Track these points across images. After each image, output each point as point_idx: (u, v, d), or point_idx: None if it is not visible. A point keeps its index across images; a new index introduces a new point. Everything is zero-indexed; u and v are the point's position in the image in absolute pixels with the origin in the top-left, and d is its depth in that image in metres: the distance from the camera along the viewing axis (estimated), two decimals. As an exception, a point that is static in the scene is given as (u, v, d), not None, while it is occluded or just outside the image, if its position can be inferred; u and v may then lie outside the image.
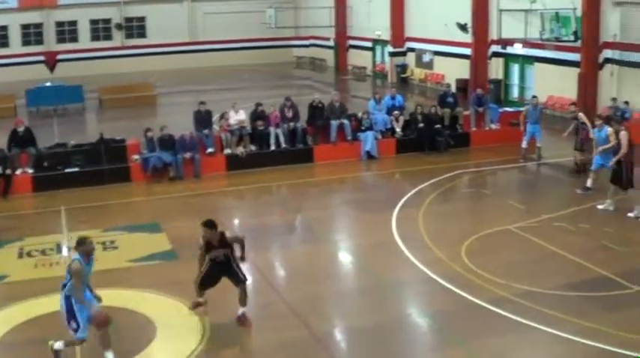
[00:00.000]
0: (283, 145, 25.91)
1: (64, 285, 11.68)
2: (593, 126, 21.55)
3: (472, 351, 12.71)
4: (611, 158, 19.91)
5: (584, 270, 15.91)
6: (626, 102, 31.06)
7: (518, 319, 13.52)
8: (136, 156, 24.16)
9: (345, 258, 17.79)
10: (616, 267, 15.57)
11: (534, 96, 27.29)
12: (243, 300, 13.50)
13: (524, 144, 25.91)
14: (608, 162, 20.15)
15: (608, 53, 32.84)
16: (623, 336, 12.94)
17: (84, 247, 11.69)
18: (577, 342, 12.71)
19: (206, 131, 25.16)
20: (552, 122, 31.96)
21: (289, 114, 26.29)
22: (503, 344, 12.82)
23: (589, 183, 21.21)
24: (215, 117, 26.84)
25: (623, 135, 19.54)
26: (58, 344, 11.91)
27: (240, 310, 13.52)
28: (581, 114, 23.69)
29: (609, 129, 20.21)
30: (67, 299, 11.63)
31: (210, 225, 13.21)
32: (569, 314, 13.65)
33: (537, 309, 13.90)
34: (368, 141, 26.45)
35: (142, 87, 43.07)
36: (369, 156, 26.48)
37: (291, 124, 26.18)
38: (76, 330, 11.62)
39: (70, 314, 11.64)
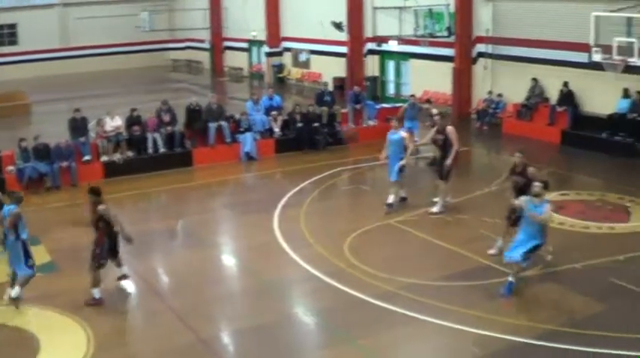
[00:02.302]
0: (161, 150, 25.54)
1: None
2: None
3: (360, 347, 12.76)
4: (397, 163, 19.62)
5: (465, 260, 16.22)
6: (500, 95, 31.81)
7: (404, 312, 13.66)
8: (10, 168, 23.35)
9: (229, 260, 17.67)
10: (490, 255, 15.86)
11: (412, 96, 27.74)
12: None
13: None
14: (394, 170, 19.72)
15: (481, 47, 33.59)
16: (505, 322, 13.32)
17: None
18: (462, 331, 12.96)
19: (82, 139, 24.55)
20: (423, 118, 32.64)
21: (166, 118, 25.93)
22: (390, 338, 12.91)
23: (403, 193, 20.57)
24: (91, 124, 26.27)
25: (451, 131, 19.37)
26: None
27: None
28: (435, 111, 23.99)
29: (404, 133, 20.04)
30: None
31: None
32: (454, 304, 13.89)
33: (422, 301, 14.08)
34: (247, 142, 26.34)
35: (14, 96, 41.72)
36: (249, 157, 26.37)
37: (169, 128, 25.83)
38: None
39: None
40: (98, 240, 14.58)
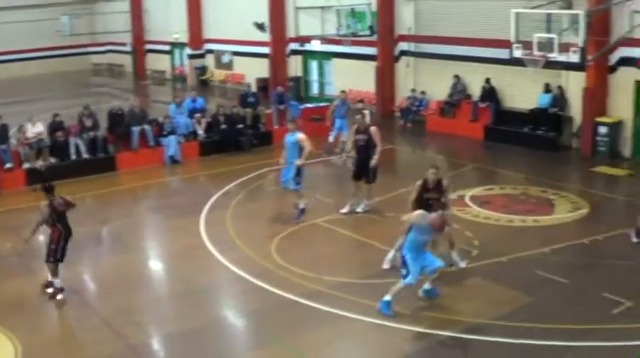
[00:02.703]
0: (84, 155, 25.10)
1: None
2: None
3: (290, 347, 12.71)
4: (292, 169, 18.83)
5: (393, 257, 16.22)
6: (423, 93, 32.06)
7: (333, 310, 13.65)
8: None
9: (156, 265, 17.44)
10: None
11: (342, 91, 27.73)
12: None
13: (331, 139, 26.38)
14: (288, 171, 18.99)
15: (403, 46, 33.85)
16: (434, 317, 13.46)
17: None
18: (391, 327, 13.01)
19: (3, 146, 24.00)
20: (353, 115, 32.63)
21: (88, 123, 25.49)
22: (320, 337, 12.89)
23: (302, 204, 19.26)
24: (12, 131, 25.69)
25: (375, 131, 19.28)
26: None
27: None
28: (366, 111, 24.04)
29: (300, 136, 18.84)
30: None
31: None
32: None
33: (350, 299, 14.08)
34: (171, 145, 26.09)
35: None
36: (173, 160, 26.11)
37: (91, 133, 25.42)
38: None
39: None
40: (53, 236, 14.73)
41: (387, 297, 13.52)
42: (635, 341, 12.27)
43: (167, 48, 52.45)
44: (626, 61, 25.33)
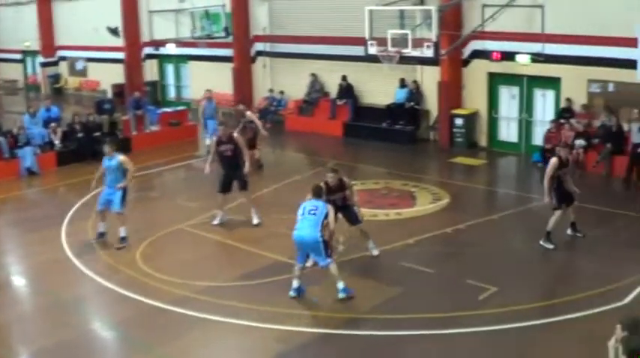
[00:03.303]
0: None
1: None
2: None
3: (160, 354, 12.52)
4: (117, 193, 17.63)
5: (260, 258, 16.26)
6: (282, 92, 32.12)
7: (202, 315, 13.49)
8: None
9: (19, 281, 16.74)
10: (289, 251, 15.85)
11: (208, 90, 27.51)
12: None
13: (207, 141, 26.36)
14: (114, 195, 17.69)
15: (259, 46, 33.86)
16: (306, 315, 13.55)
17: None
18: (263, 328, 12.96)
19: None
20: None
21: (-64, 136, 24.55)
22: (190, 343, 12.71)
23: (123, 232, 17.76)
24: None
25: (238, 137, 18.99)
26: None
27: None
28: (249, 113, 23.95)
29: (121, 158, 17.75)
30: None
31: None
32: (252, 303, 13.87)
33: (220, 303, 13.96)
34: (27, 157, 25.26)
35: None
36: (30, 172, 25.29)
37: (-58, 147, 24.46)
38: None
39: None
40: None
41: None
42: (503, 325, 12.61)
43: (18, 57, 50.89)
44: (478, 54, 26.00)
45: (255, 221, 18.71)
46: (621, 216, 18.78)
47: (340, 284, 13.95)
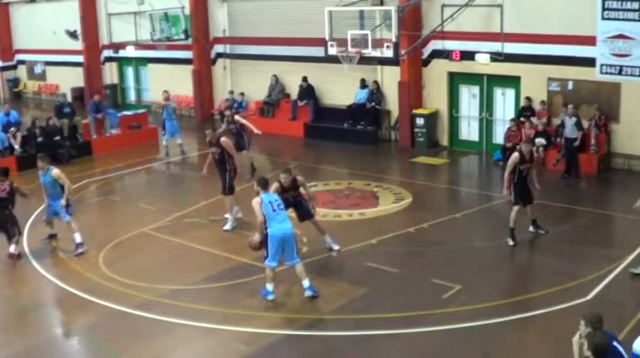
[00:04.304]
0: None
1: None
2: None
3: (126, 360, 12.42)
4: (57, 203, 17.32)
5: (223, 261, 16.25)
6: (242, 94, 32.01)
7: (166, 319, 13.44)
8: None
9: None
10: (251, 253, 15.80)
11: (165, 91, 27.36)
12: None
13: (164, 142, 26.75)
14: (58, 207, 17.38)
15: (219, 48, 33.77)
16: (271, 317, 13.54)
17: None
18: (228, 330, 12.99)
19: None
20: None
21: None
22: (155, 347, 12.66)
23: (79, 238, 17.40)
24: None
25: (225, 141, 18.63)
26: None
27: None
28: (237, 117, 23.72)
29: (54, 172, 17.30)
30: None
31: None
32: (216, 305, 13.90)
33: (183, 306, 13.95)
34: (-14, 161, 25.02)
35: None
36: (-11, 177, 25.00)
37: None
38: None
39: None
40: None
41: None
42: (468, 323, 12.69)
43: (-24, 61, 50.33)
44: (438, 54, 26.11)
45: (227, 227, 18.46)
46: (583, 212, 18.99)
47: (306, 282, 13.99)
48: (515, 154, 16.44)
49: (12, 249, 16.82)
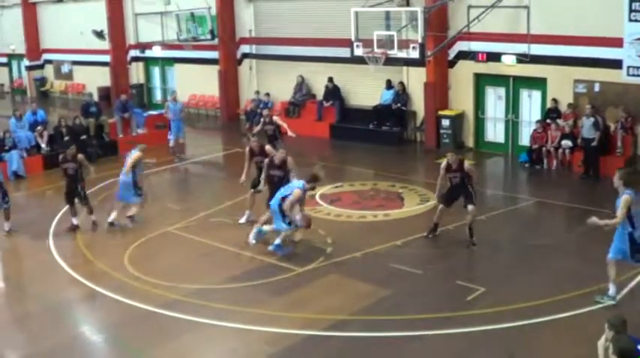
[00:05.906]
0: None
1: None
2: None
3: (150, 359, 12.50)
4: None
5: (248, 261, 16.28)
6: (268, 94, 32.05)
7: (192, 318, 13.49)
8: None
9: (7, 286, 16.63)
10: (275, 253, 15.82)
11: (173, 91, 27.52)
12: None
13: (171, 143, 26.55)
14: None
15: (245, 48, 33.85)
16: (295, 317, 13.50)
17: None
18: (252, 330, 12.99)
19: None
20: (198, 120, 33.05)
21: None
22: (180, 346, 12.70)
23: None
24: None
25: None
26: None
27: None
28: (275, 118, 23.66)
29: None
30: None
31: None
32: (240, 305, 13.90)
33: (208, 305, 13.98)
34: (13, 160, 25.16)
35: None
36: (17, 176, 25.19)
37: None
38: None
39: None
40: None
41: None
42: (492, 325, 12.65)
43: (4, 60, 50.69)
44: (464, 55, 26.06)
45: (242, 220, 18.88)
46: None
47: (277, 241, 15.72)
48: (443, 165, 17.20)
49: (93, 217, 19.38)
